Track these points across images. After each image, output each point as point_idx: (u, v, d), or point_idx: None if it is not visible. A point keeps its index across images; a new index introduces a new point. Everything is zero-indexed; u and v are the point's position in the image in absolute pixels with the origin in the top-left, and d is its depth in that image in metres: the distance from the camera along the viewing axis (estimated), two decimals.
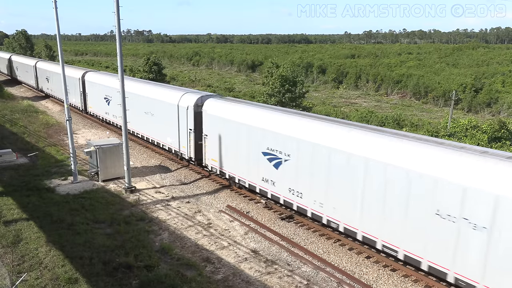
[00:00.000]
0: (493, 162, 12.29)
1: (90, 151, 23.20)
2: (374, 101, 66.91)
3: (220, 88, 67.41)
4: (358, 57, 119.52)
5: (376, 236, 15.10)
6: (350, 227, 15.97)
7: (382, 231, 14.86)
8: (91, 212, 19.16)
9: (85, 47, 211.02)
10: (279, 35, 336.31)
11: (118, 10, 19.82)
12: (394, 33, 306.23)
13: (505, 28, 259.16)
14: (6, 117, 39.63)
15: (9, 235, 16.49)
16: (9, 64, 67.43)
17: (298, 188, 17.92)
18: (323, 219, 16.99)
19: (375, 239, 15.14)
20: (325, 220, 16.90)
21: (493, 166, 12.15)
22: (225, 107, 22.27)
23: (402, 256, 14.35)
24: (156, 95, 27.78)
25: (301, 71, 41.77)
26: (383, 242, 14.87)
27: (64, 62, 23.87)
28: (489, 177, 11.98)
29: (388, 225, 14.58)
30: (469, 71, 77.89)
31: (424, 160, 13.55)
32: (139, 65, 57.18)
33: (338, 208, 16.29)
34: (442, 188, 12.77)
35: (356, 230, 15.75)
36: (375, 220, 14.99)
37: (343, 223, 16.20)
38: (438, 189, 12.88)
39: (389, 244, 14.66)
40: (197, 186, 23.33)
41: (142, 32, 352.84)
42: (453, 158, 13.01)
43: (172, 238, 17.27)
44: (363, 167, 15.06)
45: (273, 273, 14.91)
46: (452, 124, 33.88)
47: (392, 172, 14.21)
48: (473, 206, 12.09)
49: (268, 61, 53.27)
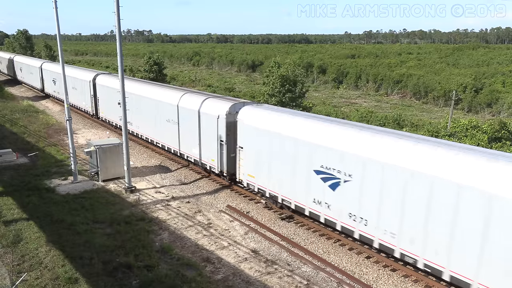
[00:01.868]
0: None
1: (90, 151, 23.20)
2: (374, 101, 66.91)
3: (220, 88, 67.41)
4: (358, 57, 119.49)
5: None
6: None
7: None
8: (91, 212, 19.16)
9: (85, 47, 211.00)
10: (279, 35, 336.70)
11: (118, 10, 19.81)
12: (394, 33, 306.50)
13: (505, 28, 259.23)
14: (6, 117, 39.62)
15: (9, 235, 16.48)
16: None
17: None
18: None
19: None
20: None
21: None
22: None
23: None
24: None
25: (302, 71, 41.63)
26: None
27: (64, 62, 23.85)
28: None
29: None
30: (469, 71, 77.86)
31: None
32: (140, 64, 57.15)
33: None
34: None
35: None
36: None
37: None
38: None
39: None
40: (197, 186, 23.33)
41: (142, 32, 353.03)
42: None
43: (172, 238, 17.28)
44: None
45: (273, 273, 14.90)
46: (452, 124, 33.87)
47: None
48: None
49: (269, 61, 53.26)
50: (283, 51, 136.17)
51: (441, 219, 12.82)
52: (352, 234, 15.89)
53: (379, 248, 15.08)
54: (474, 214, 12.04)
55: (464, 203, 12.23)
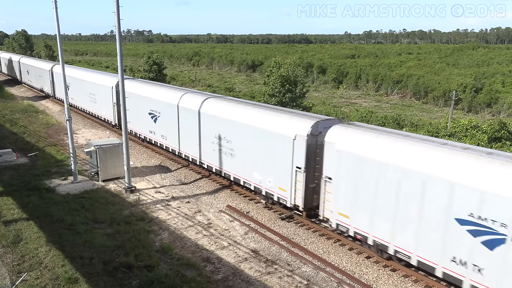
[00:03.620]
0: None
1: (90, 151, 23.20)
2: (374, 101, 66.91)
3: (220, 88, 67.43)
4: (358, 57, 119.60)
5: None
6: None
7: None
8: (91, 212, 19.16)
9: (85, 47, 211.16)
10: (279, 35, 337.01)
11: (118, 10, 19.81)
12: (394, 33, 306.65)
13: (505, 28, 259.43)
14: (6, 117, 39.62)
15: (9, 235, 16.48)
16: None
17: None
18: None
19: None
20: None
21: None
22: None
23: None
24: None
25: (302, 71, 41.62)
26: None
27: (64, 62, 23.88)
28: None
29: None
30: (469, 71, 77.93)
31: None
32: (140, 64, 57.08)
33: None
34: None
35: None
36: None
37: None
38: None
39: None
40: (197, 186, 23.32)
41: (142, 32, 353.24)
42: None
43: (172, 238, 17.27)
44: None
45: (273, 273, 14.90)
46: (452, 124, 33.89)
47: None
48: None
49: (269, 61, 53.29)
50: (283, 51, 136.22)
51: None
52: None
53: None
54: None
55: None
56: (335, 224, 16.69)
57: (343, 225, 16.32)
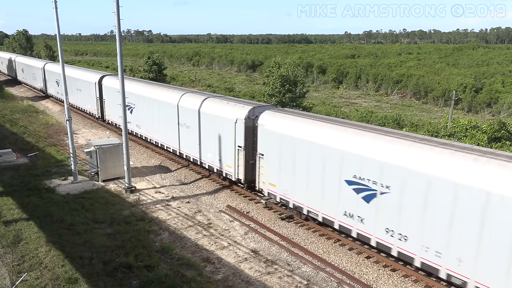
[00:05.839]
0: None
1: (90, 151, 23.20)
2: (374, 101, 66.91)
3: (220, 88, 67.42)
4: (358, 57, 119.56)
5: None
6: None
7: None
8: (91, 212, 19.16)
9: (85, 47, 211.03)
10: (279, 35, 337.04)
11: (118, 10, 19.83)
12: (394, 33, 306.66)
13: (505, 28, 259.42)
14: (6, 117, 39.62)
15: (9, 235, 16.48)
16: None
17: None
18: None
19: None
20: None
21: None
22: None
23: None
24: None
25: (302, 71, 41.63)
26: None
27: (64, 62, 23.86)
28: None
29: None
30: (469, 71, 77.88)
31: None
32: (140, 64, 57.10)
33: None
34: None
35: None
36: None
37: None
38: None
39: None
40: (197, 186, 23.33)
41: (142, 32, 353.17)
42: None
43: (172, 238, 17.28)
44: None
45: (273, 273, 14.91)
46: (452, 124, 33.88)
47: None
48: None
49: (269, 61, 53.31)
50: (283, 51, 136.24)
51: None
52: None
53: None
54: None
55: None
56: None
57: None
